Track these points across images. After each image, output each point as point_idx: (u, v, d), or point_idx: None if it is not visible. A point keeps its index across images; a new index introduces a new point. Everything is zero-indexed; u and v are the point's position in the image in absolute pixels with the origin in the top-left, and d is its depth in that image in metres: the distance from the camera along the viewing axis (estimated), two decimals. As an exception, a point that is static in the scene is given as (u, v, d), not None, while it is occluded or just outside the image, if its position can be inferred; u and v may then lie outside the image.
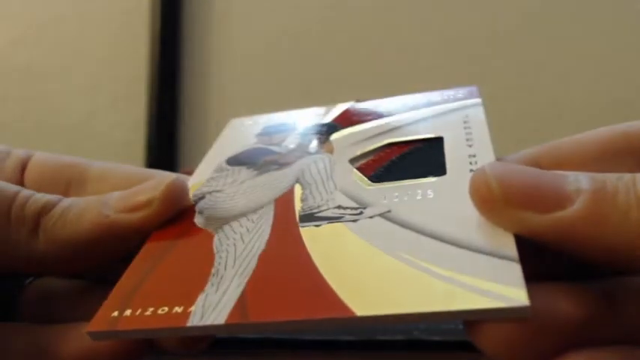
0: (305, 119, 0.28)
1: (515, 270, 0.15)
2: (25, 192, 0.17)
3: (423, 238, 0.17)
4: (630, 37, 0.77)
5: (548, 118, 0.77)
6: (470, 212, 0.17)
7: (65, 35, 0.81)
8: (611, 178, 0.15)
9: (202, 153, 0.91)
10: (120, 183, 0.20)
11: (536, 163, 0.20)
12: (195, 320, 0.16)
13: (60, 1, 0.81)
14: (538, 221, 0.15)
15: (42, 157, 0.21)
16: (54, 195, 0.17)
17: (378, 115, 0.26)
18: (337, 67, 0.78)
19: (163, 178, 0.19)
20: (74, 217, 0.17)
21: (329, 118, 0.27)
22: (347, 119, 0.27)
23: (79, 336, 0.17)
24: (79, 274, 0.20)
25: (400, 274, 0.16)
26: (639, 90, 0.76)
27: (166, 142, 0.76)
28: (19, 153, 0.22)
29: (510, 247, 0.16)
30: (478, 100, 0.26)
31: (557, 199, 0.14)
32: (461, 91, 0.27)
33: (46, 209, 0.17)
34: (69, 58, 0.81)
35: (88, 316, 0.17)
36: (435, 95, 0.27)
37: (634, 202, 0.14)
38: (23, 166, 0.21)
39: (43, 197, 0.17)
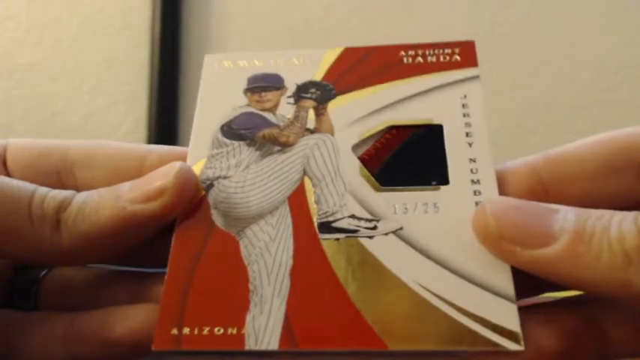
0: (292, 70, 0.27)
1: (513, 312, 0.18)
2: (40, 190, 0.17)
3: (433, 266, 0.20)
4: (625, 39, 0.77)
5: (545, 116, 0.77)
6: (471, 237, 0.20)
7: (66, 36, 0.81)
8: (592, 218, 0.16)
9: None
10: (110, 168, 0.20)
11: (538, 175, 0.20)
12: (251, 344, 0.18)
13: (61, 1, 0.81)
14: (526, 255, 0.17)
15: (19, 146, 0.21)
16: (68, 190, 0.18)
17: (373, 79, 0.26)
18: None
19: (171, 165, 0.19)
20: (92, 212, 0.18)
21: (320, 73, 0.27)
22: (340, 79, 0.26)
23: (124, 318, 0.17)
24: (99, 262, 0.20)
25: (419, 308, 0.19)
26: (630, 91, 0.76)
27: (167, 142, 0.76)
28: None
29: (508, 285, 0.19)
30: (476, 72, 0.25)
31: (543, 237, 0.17)
32: (457, 50, 0.26)
33: (63, 205, 0.17)
34: (70, 59, 0.81)
35: (111, 303, 0.18)
36: (430, 53, 0.26)
37: (605, 246, 0.16)
38: (2, 159, 0.21)
39: (59, 194, 0.18)
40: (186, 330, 0.18)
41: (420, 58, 0.25)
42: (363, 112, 0.24)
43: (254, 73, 0.27)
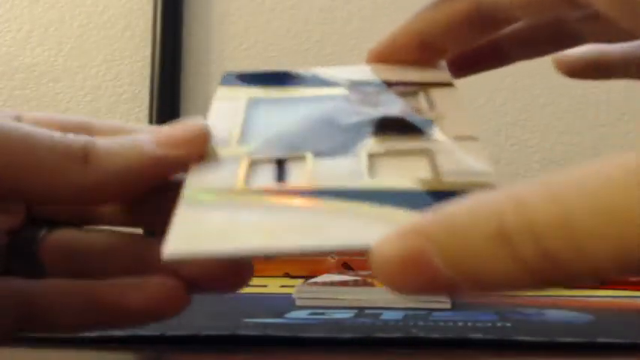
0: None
1: None
2: (57, 132, 0.18)
3: None
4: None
5: (545, 116, 0.77)
6: None
7: (68, 36, 0.81)
8: None
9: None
10: None
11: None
12: None
13: (63, 3, 0.82)
14: None
15: (35, 116, 0.21)
16: (86, 136, 0.18)
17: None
18: (337, 63, 0.79)
19: (196, 120, 0.20)
20: (122, 151, 0.18)
21: None
22: None
23: (139, 290, 0.18)
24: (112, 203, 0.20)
25: None
26: (628, 91, 0.77)
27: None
28: (7, 113, 0.21)
29: None
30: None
31: None
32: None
33: (90, 143, 0.18)
34: (72, 59, 0.81)
35: (118, 269, 0.19)
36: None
37: None
38: None
39: (80, 136, 0.18)
40: None
41: None
42: None
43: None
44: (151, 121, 0.77)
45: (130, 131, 0.20)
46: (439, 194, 0.17)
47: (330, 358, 0.23)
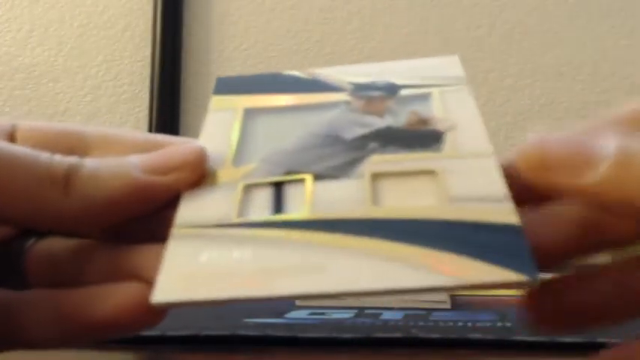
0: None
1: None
2: (44, 154, 0.17)
3: None
4: (623, 40, 0.78)
5: (545, 116, 0.77)
6: None
7: (68, 37, 0.81)
8: (634, 143, 0.16)
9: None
10: (129, 150, 0.19)
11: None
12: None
13: (63, 3, 0.82)
14: (571, 185, 0.17)
15: (31, 126, 0.20)
16: (74, 157, 0.17)
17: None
18: (337, 63, 0.79)
19: (186, 143, 0.19)
20: (107, 177, 0.17)
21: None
22: None
23: (107, 298, 0.17)
24: (95, 232, 0.19)
25: None
26: (628, 91, 0.77)
27: (168, 142, 0.77)
28: (1, 123, 0.20)
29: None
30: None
31: (586, 165, 0.16)
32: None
33: (73, 169, 0.17)
34: (72, 60, 0.81)
35: (94, 277, 0.18)
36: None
37: None
38: (11, 138, 0.20)
39: (66, 158, 0.17)
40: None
41: None
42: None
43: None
44: (150, 121, 0.77)
45: (124, 144, 0.19)
46: (447, 224, 0.16)
47: (330, 358, 0.23)
